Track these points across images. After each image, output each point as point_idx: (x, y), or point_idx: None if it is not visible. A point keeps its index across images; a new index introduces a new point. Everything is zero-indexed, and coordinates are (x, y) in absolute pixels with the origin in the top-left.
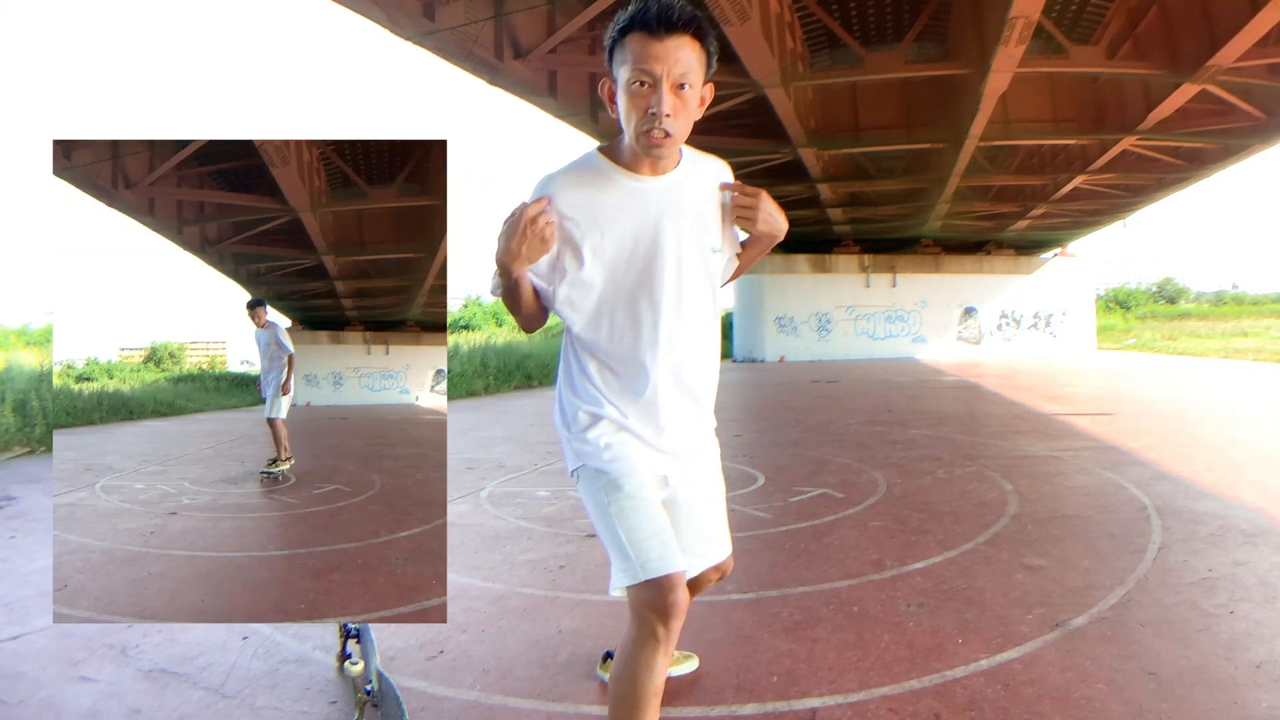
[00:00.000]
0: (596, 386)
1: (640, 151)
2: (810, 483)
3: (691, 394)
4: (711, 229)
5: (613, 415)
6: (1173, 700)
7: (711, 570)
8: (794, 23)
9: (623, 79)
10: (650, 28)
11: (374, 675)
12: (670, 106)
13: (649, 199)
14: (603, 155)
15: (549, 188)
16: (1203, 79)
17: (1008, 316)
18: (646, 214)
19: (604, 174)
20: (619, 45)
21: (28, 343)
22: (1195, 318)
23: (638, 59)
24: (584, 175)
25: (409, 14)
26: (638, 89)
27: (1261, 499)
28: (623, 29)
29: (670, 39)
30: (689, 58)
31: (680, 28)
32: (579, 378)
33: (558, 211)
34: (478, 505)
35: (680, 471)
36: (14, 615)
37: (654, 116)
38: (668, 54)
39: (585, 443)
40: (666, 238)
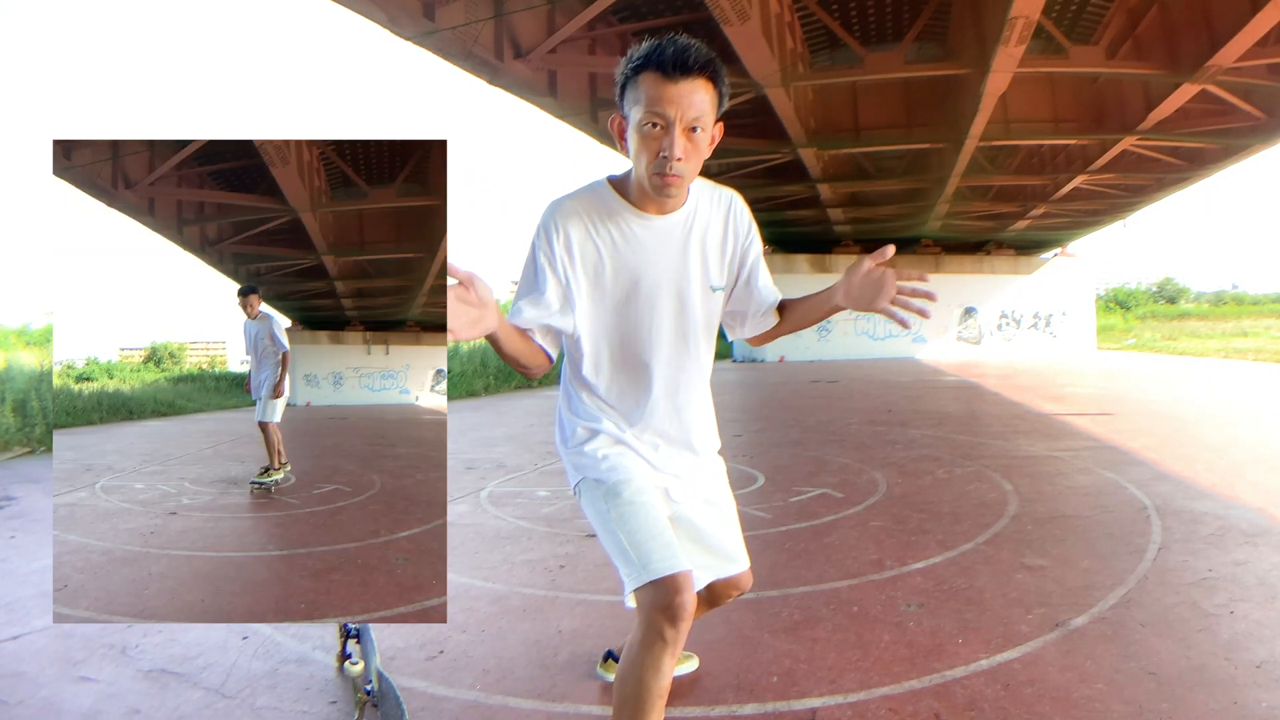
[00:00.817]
0: (594, 406)
1: (650, 191)
2: (810, 483)
3: (687, 429)
4: (713, 267)
5: (610, 430)
6: (1173, 700)
7: (729, 586)
8: (794, 23)
9: (634, 118)
10: (665, 70)
11: (374, 675)
12: (682, 150)
13: (653, 240)
14: (612, 189)
15: (556, 214)
16: (1203, 79)
17: (1008, 316)
18: (649, 255)
19: (611, 209)
20: (632, 83)
21: (28, 343)
22: (1195, 318)
23: (651, 101)
24: (592, 205)
25: (409, 14)
26: (649, 130)
27: (1261, 499)
28: (636, 67)
29: (685, 82)
30: (702, 101)
31: (696, 71)
32: (576, 400)
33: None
34: (478, 505)
35: (682, 488)
36: (14, 615)
37: (665, 160)
38: (681, 97)
39: (583, 455)
40: (667, 278)
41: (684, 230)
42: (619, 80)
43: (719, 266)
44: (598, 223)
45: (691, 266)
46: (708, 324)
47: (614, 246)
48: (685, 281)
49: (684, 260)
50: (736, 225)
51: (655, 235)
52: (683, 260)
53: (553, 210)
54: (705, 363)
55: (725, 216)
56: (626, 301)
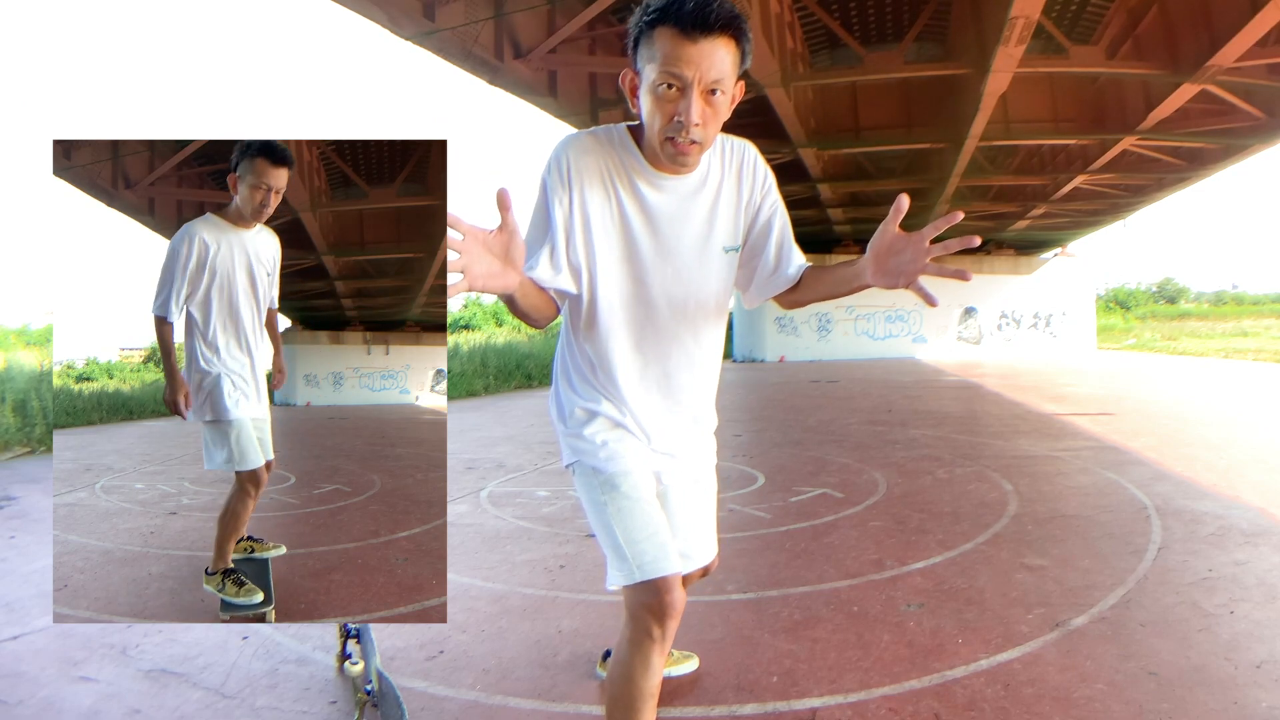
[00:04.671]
0: (593, 383)
1: (663, 157)
2: (810, 483)
3: (688, 393)
4: (727, 227)
5: (609, 412)
6: (1173, 700)
7: (697, 569)
8: (794, 23)
9: (648, 77)
10: (684, 26)
11: (374, 675)
12: (700, 115)
13: (665, 201)
14: (630, 136)
15: (569, 149)
16: (1203, 79)
17: (1008, 316)
18: (659, 215)
19: (624, 160)
20: (646, 36)
21: (28, 343)
22: (1195, 318)
23: (667, 59)
24: (608, 150)
25: (409, 14)
26: (664, 91)
27: (1261, 499)
28: (652, 20)
29: (705, 41)
30: (724, 60)
31: (718, 29)
32: (575, 374)
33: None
34: (478, 505)
35: (673, 469)
36: (14, 615)
37: (680, 125)
38: (701, 57)
39: (581, 439)
40: (677, 241)
41: (697, 191)
42: (633, 31)
43: (732, 226)
44: (613, 171)
45: (703, 228)
46: (719, 289)
47: (623, 202)
48: (697, 244)
49: (696, 222)
50: (753, 178)
51: (667, 196)
52: (695, 222)
53: (566, 144)
54: (715, 333)
55: (739, 170)
56: (633, 261)
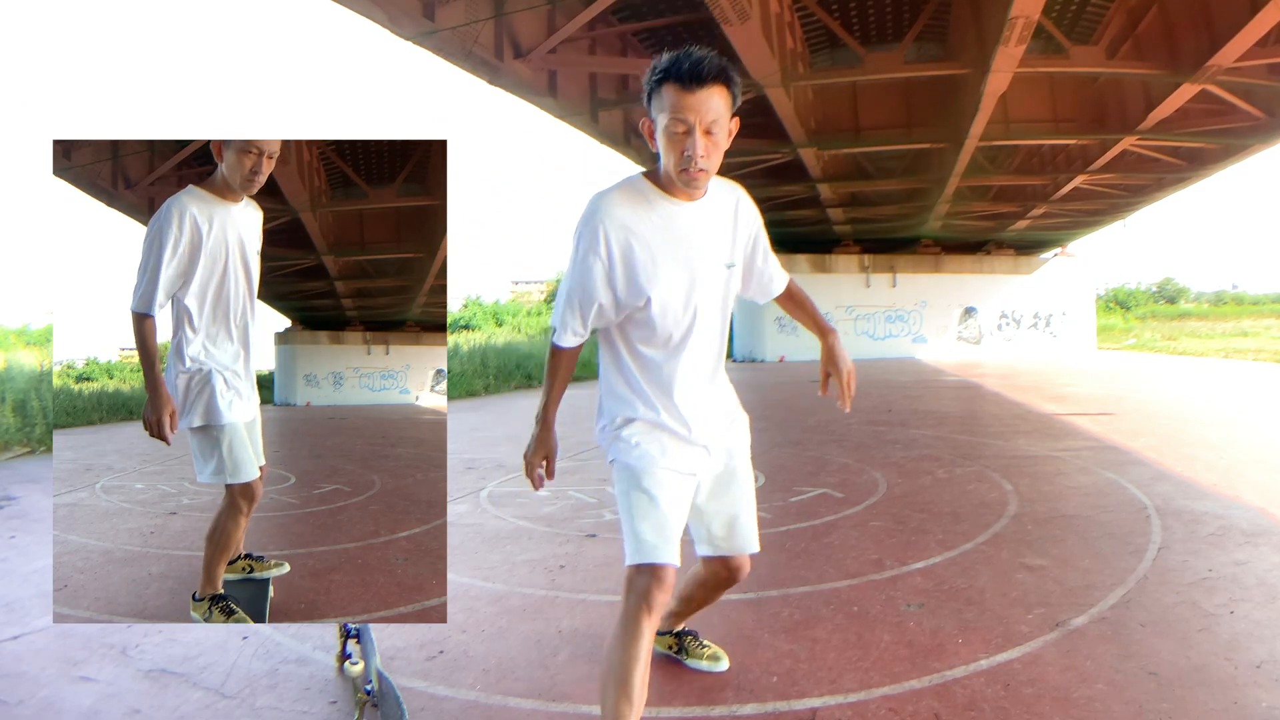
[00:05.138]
0: (633, 390)
1: (679, 184)
2: (810, 483)
3: (711, 385)
4: (728, 247)
5: (646, 416)
6: (1173, 700)
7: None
8: (794, 23)
9: (661, 123)
10: (684, 81)
11: (374, 675)
12: (703, 149)
13: (687, 222)
14: (647, 180)
15: (601, 204)
16: (1203, 79)
17: (1008, 316)
18: (684, 234)
19: (648, 198)
20: (656, 92)
21: (28, 343)
22: (1195, 318)
23: (674, 108)
24: (631, 196)
25: (409, 14)
26: (674, 133)
27: (1261, 499)
28: (659, 79)
29: (701, 91)
30: (718, 105)
31: (710, 81)
32: (617, 383)
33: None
34: (478, 505)
35: (708, 462)
36: (14, 615)
37: (690, 158)
38: (700, 104)
39: (620, 440)
40: (699, 256)
41: (708, 214)
42: (645, 89)
43: (731, 246)
44: (640, 212)
45: (716, 245)
46: (726, 297)
47: (654, 232)
48: (713, 258)
49: (710, 239)
50: (746, 215)
51: (689, 218)
52: (709, 239)
53: (596, 201)
54: (722, 328)
55: (735, 205)
56: (665, 280)
